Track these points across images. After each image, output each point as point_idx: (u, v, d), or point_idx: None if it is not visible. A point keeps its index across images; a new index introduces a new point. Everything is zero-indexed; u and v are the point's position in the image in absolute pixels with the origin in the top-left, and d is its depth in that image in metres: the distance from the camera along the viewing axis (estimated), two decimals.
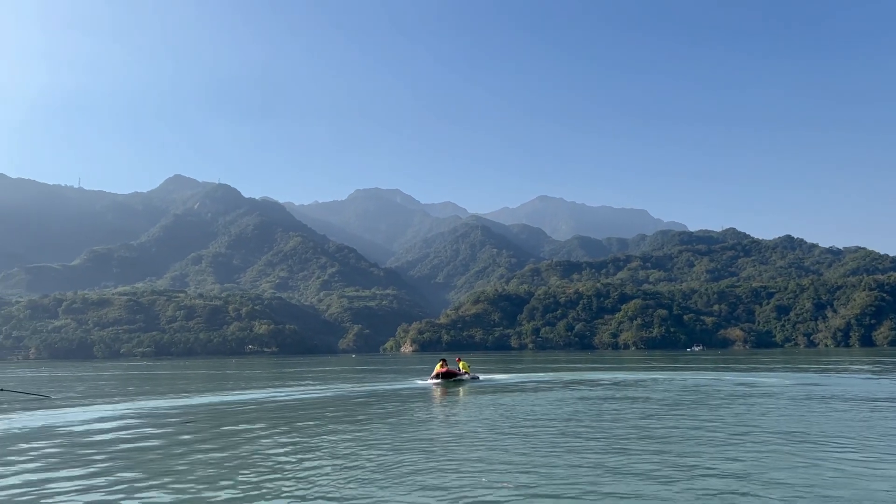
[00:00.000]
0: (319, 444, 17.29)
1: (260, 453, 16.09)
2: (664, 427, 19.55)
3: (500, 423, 21.05)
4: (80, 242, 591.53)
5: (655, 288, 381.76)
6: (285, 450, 16.53)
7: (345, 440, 17.87)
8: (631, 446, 16.05)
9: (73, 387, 50.58)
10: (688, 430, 18.91)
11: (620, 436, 17.81)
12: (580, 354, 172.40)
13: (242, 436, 19.31)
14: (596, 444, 16.38)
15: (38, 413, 27.68)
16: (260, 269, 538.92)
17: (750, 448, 15.69)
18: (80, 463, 15.12)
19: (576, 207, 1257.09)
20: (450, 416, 23.81)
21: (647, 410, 24.38)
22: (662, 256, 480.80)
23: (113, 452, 16.61)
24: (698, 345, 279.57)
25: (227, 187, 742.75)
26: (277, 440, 18.29)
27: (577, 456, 14.82)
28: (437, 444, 16.90)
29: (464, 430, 19.57)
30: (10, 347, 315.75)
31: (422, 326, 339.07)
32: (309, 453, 15.90)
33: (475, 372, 51.59)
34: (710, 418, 21.62)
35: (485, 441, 17.19)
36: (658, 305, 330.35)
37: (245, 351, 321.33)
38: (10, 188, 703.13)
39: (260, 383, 49.52)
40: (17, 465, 15.10)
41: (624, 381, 43.50)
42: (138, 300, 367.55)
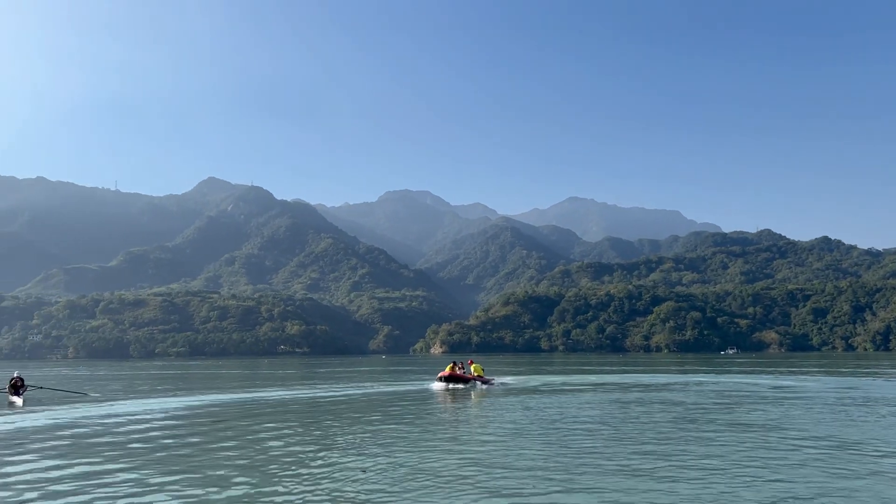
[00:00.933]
0: (356, 442, 17.50)
1: (288, 450, 16.35)
2: (697, 432, 19.40)
3: (527, 426, 21.06)
4: (116, 244, 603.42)
5: (688, 290, 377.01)
6: (309, 448, 16.76)
7: (365, 440, 18.04)
8: (661, 450, 15.97)
9: (108, 385, 51.77)
10: (722, 434, 18.74)
11: (650, 440, 17.72)
12: (612, 357, 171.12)
13: (278, 432, 19.62)
14: (626, 449, 16.33)
15: (76, 408, 28.44)
16: (292, 270, 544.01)
17: (786, 453, 15.51)
18: (104, 455, 15.54)
19: (607, 208, 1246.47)
20: (481, 417, 23.84)
21: (679, 414, 24.17)
22: (696, 258, 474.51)
23: (143, 446, 17.03)
24: (732, 348, 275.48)
25: (259, 189, 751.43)
26: (311, 437, 18.55)
27: (609, 461, 14.80)
28: (465, 444, 16.98)
29: (493, 431, 19.62)
30: (50, 346, 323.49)
31: (451, 328, 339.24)
32: (348, 452, 16.11)
33: (490, 375, 48.73)
34: (746, 422, 21.38)
35: (504, 445, 17.23)
36: (691, 308, 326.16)
37: (277, 351, 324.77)
38: (49, 191, 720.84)
39: (308, 382, 50.08)
40: (45, 458, 15.58)
41: (656, 384, 43.15)
42: (173, 301, 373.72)
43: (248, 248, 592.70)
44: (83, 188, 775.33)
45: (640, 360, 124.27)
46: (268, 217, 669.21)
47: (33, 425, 22.94)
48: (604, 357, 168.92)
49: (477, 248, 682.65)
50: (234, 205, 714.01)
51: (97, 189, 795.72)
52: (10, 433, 20.84)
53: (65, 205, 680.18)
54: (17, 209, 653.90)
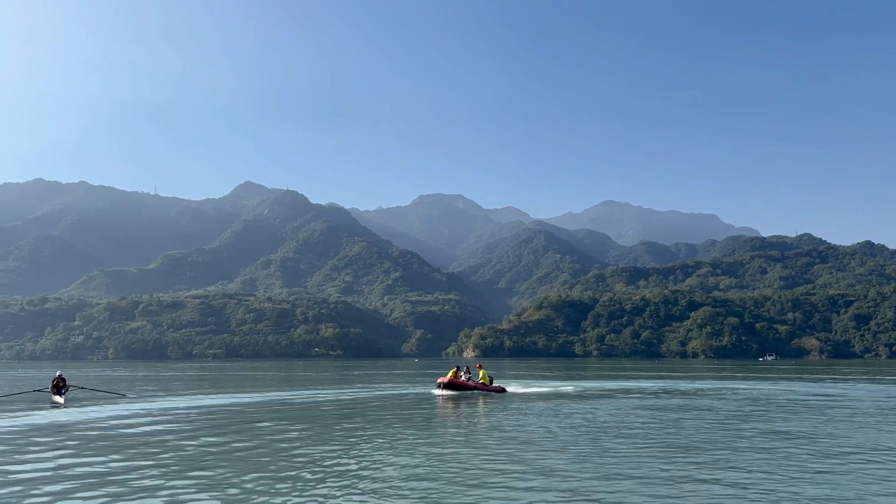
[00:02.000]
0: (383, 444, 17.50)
1: (317, 450, 16.41)
2: (732, 439, 18.99)
3: (557, 433, 20.84)
4: (156, 247, 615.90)
5: (726, 295, 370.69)
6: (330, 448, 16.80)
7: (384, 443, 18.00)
8: (691, 458, 15.65)
9: (145, 386, 52.75)
10: (759, 441, 18.31)
11: (686, 447, 17.39)
12: (647, 362, 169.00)
13: (309, 432, 19.72)
14: (655, 457, 16.04)
15: (113, 407, 29.02)
16: (326, 273, 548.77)
17: (826, 463, 15.09)
18: (133, 450, 15.78)
19: (642, 212, 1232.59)
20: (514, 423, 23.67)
21: (714, 420, 23.71)
22: (733, 263, 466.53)
23: (172, 442, 17.26)
24: (771, 354, 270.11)
25: (294, 193, 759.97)
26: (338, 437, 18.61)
27: (637, 469, 14.55)
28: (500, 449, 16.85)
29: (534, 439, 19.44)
30: (91, 348, 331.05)
31: (484, 332, 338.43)
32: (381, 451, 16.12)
33: (505, 381, 46.92)
34: (786, 431, 20.87)
35: (542, 452, 17.05)
36: (729, 313, 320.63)
37: (311, 354, 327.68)
38: (92, 195, 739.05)
39: (343, 385, 50.38)
40: (71, 453, 15.88)
41: (694, 391, 42.43)
42: (210, 303, 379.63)
43: (283, 251, 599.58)
44: (124, 192, 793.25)
45: (677, 366, 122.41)
46: (303, 221, 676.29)
47: (71, 419, 23.47)
48: (638, 363, 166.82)
49: (510, 252, 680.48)
50: (269, 209, 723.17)
51: (137, 193, 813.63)
52: (51, 427, 21.35)
53: (106, 209, 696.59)
54: (61, 213, 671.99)
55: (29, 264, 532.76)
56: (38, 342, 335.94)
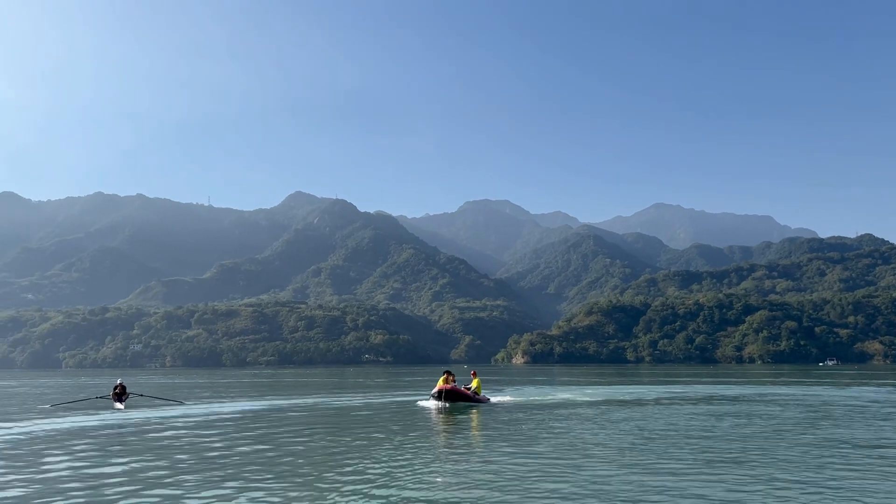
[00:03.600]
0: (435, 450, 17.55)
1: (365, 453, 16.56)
2: (789, 447, 18.46)
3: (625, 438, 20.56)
4: (210, 257, 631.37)
5: (783, 298, 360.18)
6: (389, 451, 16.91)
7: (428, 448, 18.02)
8: (747, 465, 15.27)
9: (201, 392, 54.06)
10: (820, 449, 17.75)
11: (733, 455, 16.97)
12: (702, 368, 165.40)
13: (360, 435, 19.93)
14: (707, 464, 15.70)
15: (172, 411, 29.85)
16: (375, 280, 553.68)
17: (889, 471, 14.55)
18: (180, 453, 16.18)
19: (694, 214, 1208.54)
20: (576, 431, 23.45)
21: (773, 427, 23.08)
22: (790, 265, 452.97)
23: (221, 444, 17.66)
24: (832, 359, 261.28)
25: (343, 202, 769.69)
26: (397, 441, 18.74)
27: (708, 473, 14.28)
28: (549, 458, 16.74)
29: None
30: (149, 356, 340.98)
31: (533, 338, 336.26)
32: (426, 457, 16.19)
33: (486, 393, 39.75)
34: (854, 439, 20.19)
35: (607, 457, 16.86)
36: (786, 317, 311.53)
37: (362, 360, 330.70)
38: (148, 207, 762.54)
39: (398, 390, 50.79)
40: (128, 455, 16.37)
41: (742, 396, 41.35)
42: (263, 311, 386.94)
43: (333, 259, 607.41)
44: (178, 204, 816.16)
45: (732, 372, 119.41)
46: (352, 229, 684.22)
47: (131, 420, 24.25)
48: (693, 368, 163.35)
49: (558, 257, 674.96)
50: (319, 218, 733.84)
51: (192, 205, 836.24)
52: (111, 428, 22.11)
53: (162, 220, 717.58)
54: (120, 225, 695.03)
55: (90, 275, 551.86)
56: (100, 350, 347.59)
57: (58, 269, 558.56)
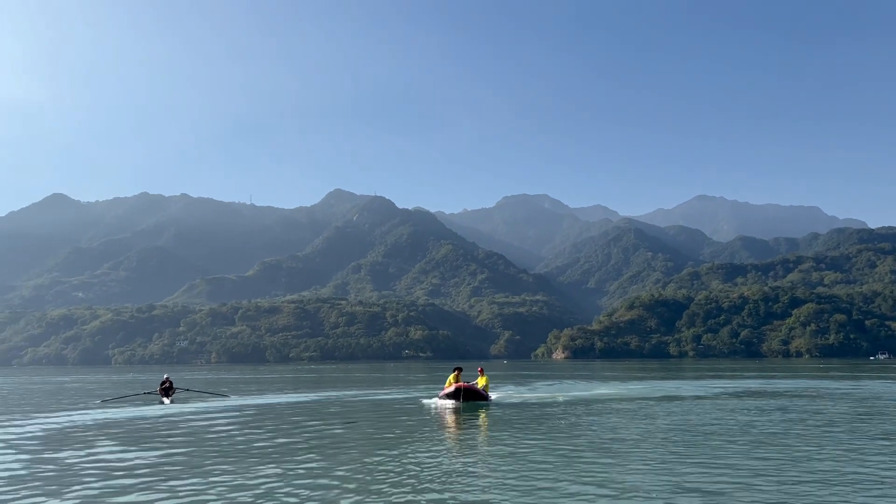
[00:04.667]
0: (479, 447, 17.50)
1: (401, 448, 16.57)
2: (840, 442, 17.92)
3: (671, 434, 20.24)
4: (252, 254, 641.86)
5: (831, 291, 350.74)
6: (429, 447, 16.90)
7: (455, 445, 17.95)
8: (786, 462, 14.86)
9: (246, 387, 54.99)
10: (868, 445, 17.20)
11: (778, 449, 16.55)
12: (748, 363, 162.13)
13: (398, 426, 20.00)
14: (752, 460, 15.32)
15: (216, 403, 30.44)
16: (414, 276, 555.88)
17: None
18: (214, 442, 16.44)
19: (738, 206, 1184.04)
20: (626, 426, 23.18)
21: (820, 422, 22.46)
22: (839, 257, 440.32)
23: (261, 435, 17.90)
24: (884, 353, 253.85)
25: (382, 199, 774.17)
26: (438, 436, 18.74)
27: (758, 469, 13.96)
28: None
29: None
30: (195, 352, 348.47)
31: (573, 333, 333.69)
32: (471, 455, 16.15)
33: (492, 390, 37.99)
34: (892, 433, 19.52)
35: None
36: (835, 310, 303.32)
37: (402, 356, 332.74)
38: (192, 207, 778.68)
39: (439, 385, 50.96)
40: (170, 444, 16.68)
41: (806, 391, 40.35)
42: (305, 307, 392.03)
43: (372, 255, 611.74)
44: (221, 203, 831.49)
45: (780, 366, 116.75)
46: (390, 226, 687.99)
47: (178, 412, 24.78)
48: (738, 363, 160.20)
49: (598, 251, 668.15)
50: (358, 215, 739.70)
51: (234, 204, 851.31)
52: (157, 419, 22.63)
53: (206, 219, 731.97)
54: (165, 224, 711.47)
55: (137, 274, 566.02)
56: (147, 347, 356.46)
57: (106, 267, 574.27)
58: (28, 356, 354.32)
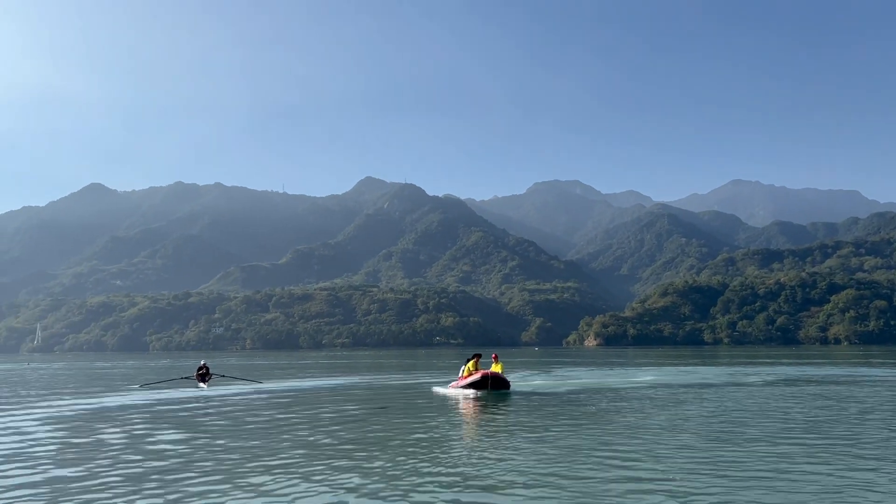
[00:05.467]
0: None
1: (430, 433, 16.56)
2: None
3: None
4: (285, 242, 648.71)
5: (871, 276, 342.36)
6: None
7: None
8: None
9: (281, 373, 55.68)
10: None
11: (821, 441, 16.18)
12: (785, 349, 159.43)
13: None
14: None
15: (250, 387, 30.93)
16: (444, 263, 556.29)
17: None
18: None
19: (775, 191, 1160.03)
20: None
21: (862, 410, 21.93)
22: (880, 241, 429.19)
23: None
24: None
25: (412, 187, 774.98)
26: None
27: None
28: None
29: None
30: (230, 338, 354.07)
31: (606, 320, 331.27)
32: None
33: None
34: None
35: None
36: (875, 296, 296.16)
37: (433, 342, 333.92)
38: (226, 196, 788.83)
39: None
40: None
41: (854, 378, 39.52)
42: (337, 294, 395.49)
43: (403, 243, 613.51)
44: (255, 192, 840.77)
45: (818, 353, 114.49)
46: (421, 213, 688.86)
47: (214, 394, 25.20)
48: (775, 350, 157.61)
49: (631, 237, 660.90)
50: (389, 202, 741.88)
51: (267, 192, 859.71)
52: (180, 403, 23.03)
53: (239, 208, 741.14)
54: (200, 213, 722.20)
55: (173, 262, 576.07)
56: (184, 334, 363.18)
57: (143, 256, 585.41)
58: (69, 343, 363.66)
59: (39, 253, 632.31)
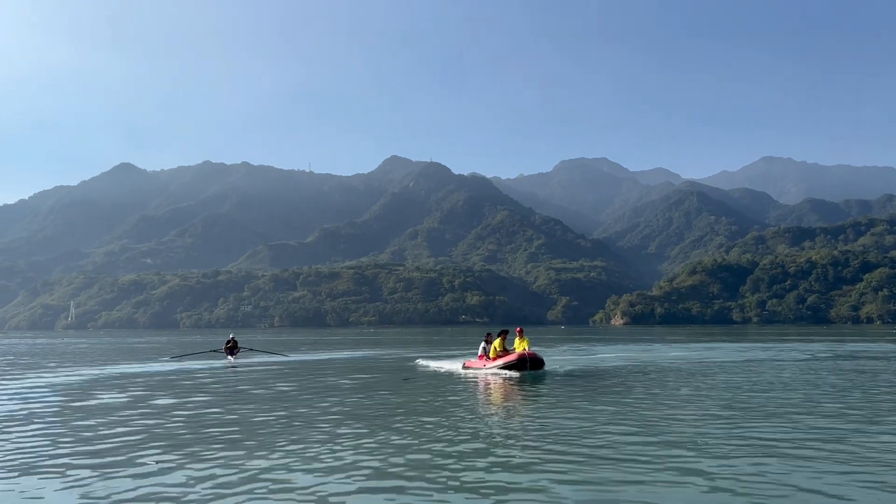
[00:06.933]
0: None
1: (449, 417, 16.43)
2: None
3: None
4: (312, 221, 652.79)
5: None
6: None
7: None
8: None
9: (301, 347, 56.17)
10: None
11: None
12: (817, 328, 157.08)
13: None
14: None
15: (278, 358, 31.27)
16: (470, 242, 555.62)
17: None
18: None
19: (807, 168, 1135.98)
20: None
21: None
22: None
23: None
24: None
25: (438, 165, 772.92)
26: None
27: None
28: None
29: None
30: (259, 316, 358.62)
31: (633, 299, 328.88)
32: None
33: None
34: None
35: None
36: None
37: (459, 321, 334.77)
38: (254, 175, 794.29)
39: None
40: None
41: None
42: (363, 273, 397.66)
43: (429, 222, 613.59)
44: (281, 171, 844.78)
45: (851, 331, 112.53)
46: (446, 192, 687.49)
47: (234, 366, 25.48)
48: (807, 328, 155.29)
49: (659, 216, 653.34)
50: (415, 181, 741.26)
51: (294, 171, 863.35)
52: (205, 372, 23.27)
53: (266, 187, 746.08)
54: (227, 192, 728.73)
55: (202, 241, 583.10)
56: (213, 311, 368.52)
57: (173, 234, 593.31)
58: (102, 319, 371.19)
59: (72, 232, 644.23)
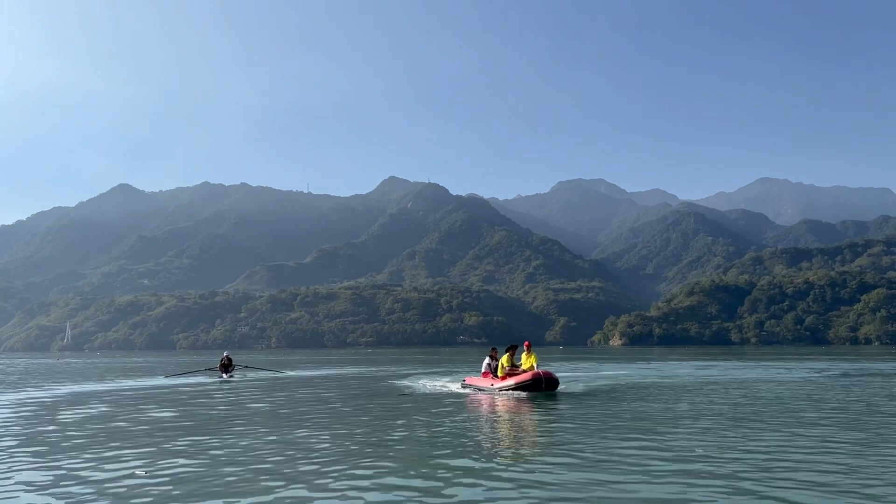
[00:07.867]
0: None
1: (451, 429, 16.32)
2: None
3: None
4: (310, 242, 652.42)
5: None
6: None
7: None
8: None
9: (299, 364, 55.92)
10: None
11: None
12: (815, 349, 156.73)
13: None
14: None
15: (267, 374, 31.04)
16: (468, 262, 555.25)
17: None
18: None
19: (803, 189, 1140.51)
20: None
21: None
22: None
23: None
24: None
25: (436, 186, 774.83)
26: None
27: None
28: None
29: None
30: (256, 337, 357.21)
31: (631, 319, 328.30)
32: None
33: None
34: None
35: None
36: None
37: (457, 341, 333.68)
38: (252, 195, 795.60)
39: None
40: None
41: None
42: (361, 294, 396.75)
43: (426, 242, 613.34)
44: (279, 192, 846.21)
45: (849, 352, 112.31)
46: (444, 212, 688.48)
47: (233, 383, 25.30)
48: (805, 349, 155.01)
49: (656, 236, 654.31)
50: (413, 202, 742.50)
51: (292, 192, 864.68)
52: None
53: (265, 208, 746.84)
54: (226, 213, 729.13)
55: (200, 261, 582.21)
56: (210, 332, 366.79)
57: (170, 255, 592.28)
58: (98, 341, 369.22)
59: (69, 253, 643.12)
